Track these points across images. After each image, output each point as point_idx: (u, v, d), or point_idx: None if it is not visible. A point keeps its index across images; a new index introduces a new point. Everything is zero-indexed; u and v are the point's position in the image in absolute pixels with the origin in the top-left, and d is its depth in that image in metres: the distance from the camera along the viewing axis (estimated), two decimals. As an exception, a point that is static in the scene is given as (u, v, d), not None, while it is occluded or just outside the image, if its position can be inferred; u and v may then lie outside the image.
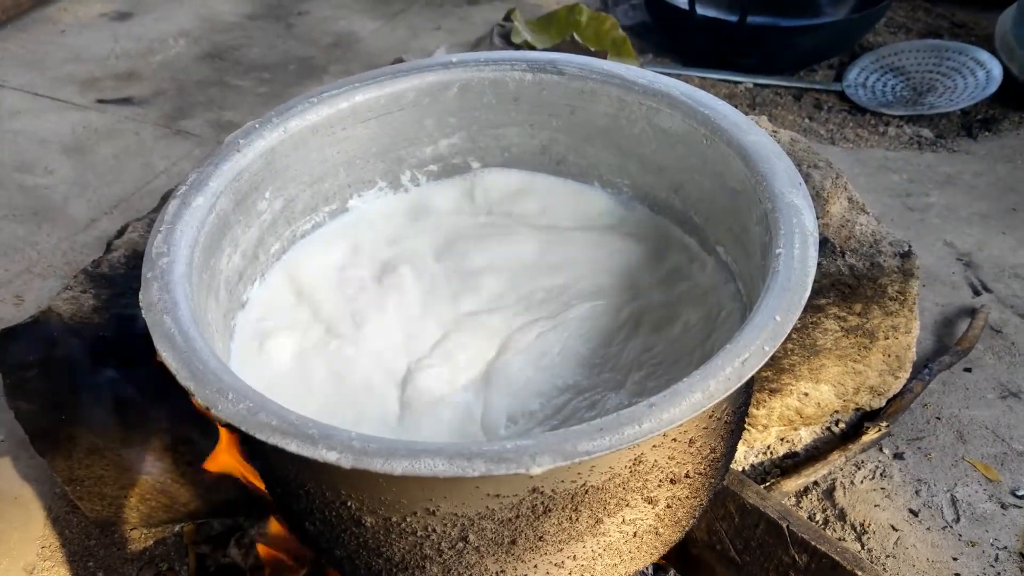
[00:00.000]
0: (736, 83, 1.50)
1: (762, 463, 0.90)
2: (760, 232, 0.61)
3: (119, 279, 0.80)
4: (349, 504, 0.53)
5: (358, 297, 0.73)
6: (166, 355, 0.51)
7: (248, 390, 0.49)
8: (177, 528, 0.85)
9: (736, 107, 0.70)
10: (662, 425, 0.46)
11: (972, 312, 1.01)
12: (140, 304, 0.54)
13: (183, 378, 0.50)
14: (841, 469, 0.88)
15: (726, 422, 0.58)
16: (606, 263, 0.75)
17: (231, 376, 0.50)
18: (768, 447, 0.91)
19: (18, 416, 0.78)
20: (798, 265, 0.54)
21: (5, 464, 0.88)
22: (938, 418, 0.91)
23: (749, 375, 0.48)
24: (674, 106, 0.71)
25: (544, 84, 0.77)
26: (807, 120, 1.41)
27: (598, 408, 0.65)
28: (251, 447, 0.69)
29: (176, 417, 0.80)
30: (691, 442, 0.55)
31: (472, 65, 0.78)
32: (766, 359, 0.49)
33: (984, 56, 1.43)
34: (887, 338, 0.84)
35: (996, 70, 1.40)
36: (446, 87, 0.78)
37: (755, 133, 0.66)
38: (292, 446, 0.46)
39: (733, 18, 1.45)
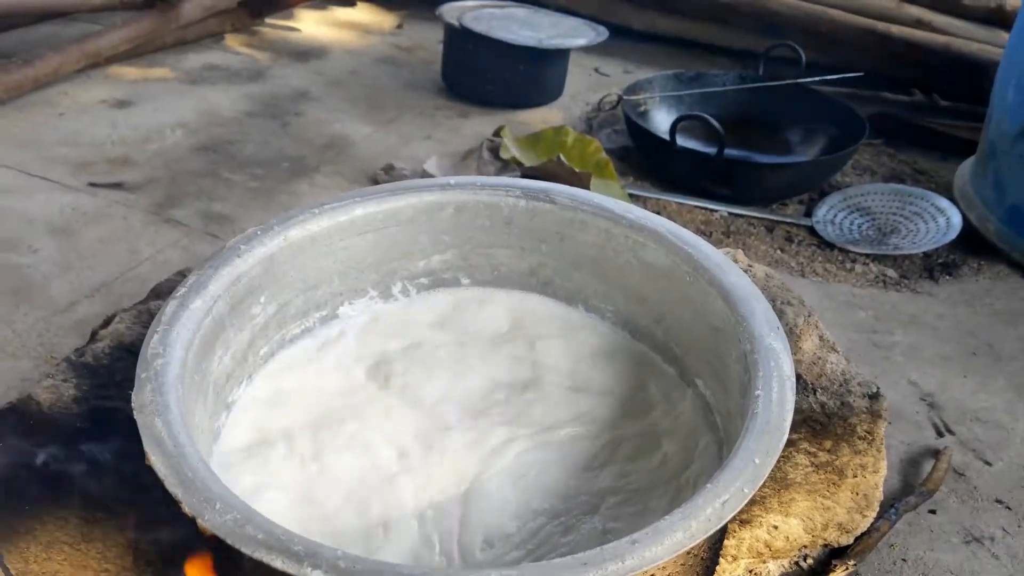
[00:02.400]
0: (712, 211, 1.56)
1: (729, 595, 0.90)
2: (739, 371, 0.63)
3: (102, 370, 0.80)
4: (325, 623, 0.52)
5: (340, 406, 0.73)
6: (155, 459, 0.51)
7: (235, 501, 0.50)
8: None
9: (711, 234, 0.74)
10: (644, 563, 0.47)
11: (936, 453, 1.03)
12: (132, 405, 0.55)
13: (171, 484, 0.50)
14: (807, 605, 0.88)
15: (702, 559, 0.59)
16: (588, 387, 0.77)
17: (219, 485, 0.51)
18: (735, 578, 0.91)
19: (-21, 504, 0.76)
20: (776, 408, 0.56)
21: (-47, 553, 0.85)
22: (904, 559, 0.92)
23: (729, 516, 0.50)
24: (659, 242, 0.75)
25: (536, 211, 0.81)
26: (779, 251, 1.47)
27: (573, 533, 0.65)
28: (227, 559, 0.68)
29: (142, 516, 0.78)
30: (668, 577, 0.56)
31: (469, 188, 0.82)
32: (746, 501, 0.50)
33: (944, 203, 1.52)
34: (855, 476, 0.86)
35: (956, 218, 1.48)
36: (442, 207, 0.81)
37: (735, 274, 0.69)
38: (277, 562, 0.46)
39: (711, 151, 1.52)
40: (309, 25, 2.43)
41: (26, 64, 1.67)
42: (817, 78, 1.77)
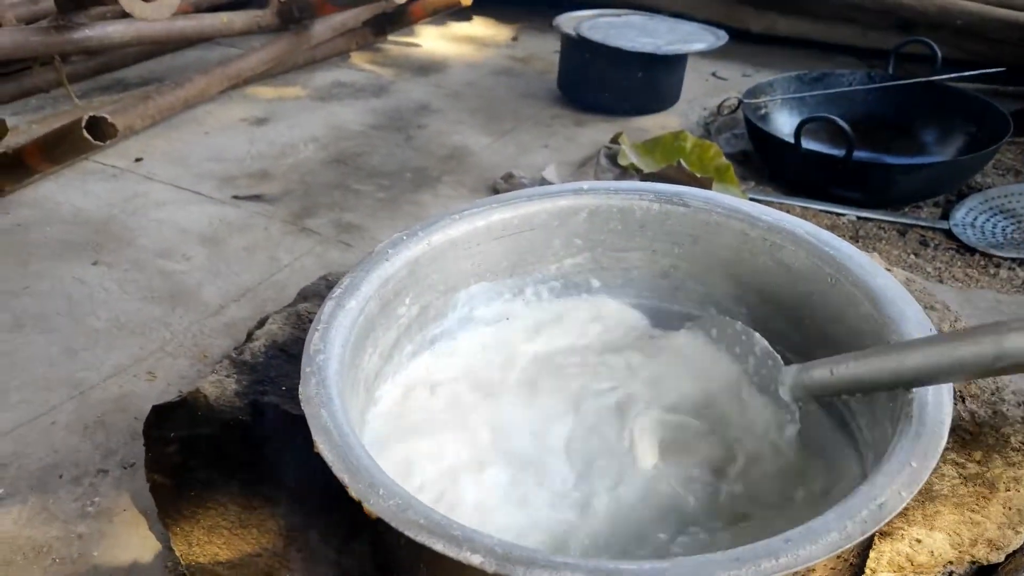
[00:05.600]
0: (839, 215, 1.52)
1: (870, 608, 0.87)
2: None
3: (259, 367, 0.85)
4: (476, 608, 0.55)
5: (484, 401, 0.76)
6: (323, 447, 0.55)
7: (397, 487, 0.53)
8: (281, 614, 0.87)
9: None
10: (798, 562, 0.47)
11: (1095, 468, 0.97)
12: (300, 397, 0.59)
13: (338, 470, 0.54)
14: (954, 623, 0.84)
15: (851, 564, 0.58)
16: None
17: (381, 473, 0.54)
18: (877, 592, 0.88)
19: (152, 488, 0.83)
20: (932, 411, 0.55)
21: (125, 534, 0.93)
22: (1061, 579, 0.87)
23: (886, 519, 0.49)
24: (798, 243, 0.74)
25: (669, 214, 0.82)
26: (912, 256, 1.41)
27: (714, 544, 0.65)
28: (380, 541, 0.72)
29: (293, 505, 0.83)
30: (817, 581, 0.55)
31: (602, 193, 0.83)
32: (903, 505, 0.49)
33: (1098, 204, 1.42)
34: (1008, 490, 0.82)
35: (1111, 219, 1.39)
36: (576, 212, 0.83)
37: (882, 276, 0.68)
38: (438, 546, 0.49)
39: (839, 152, 1.48)
40: (429, 40, 2.52)
41: (177, 87, 1.80)
42: (954, 75, 1.69)
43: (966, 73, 1.70)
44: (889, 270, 1.02)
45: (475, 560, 0.48)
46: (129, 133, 1.75)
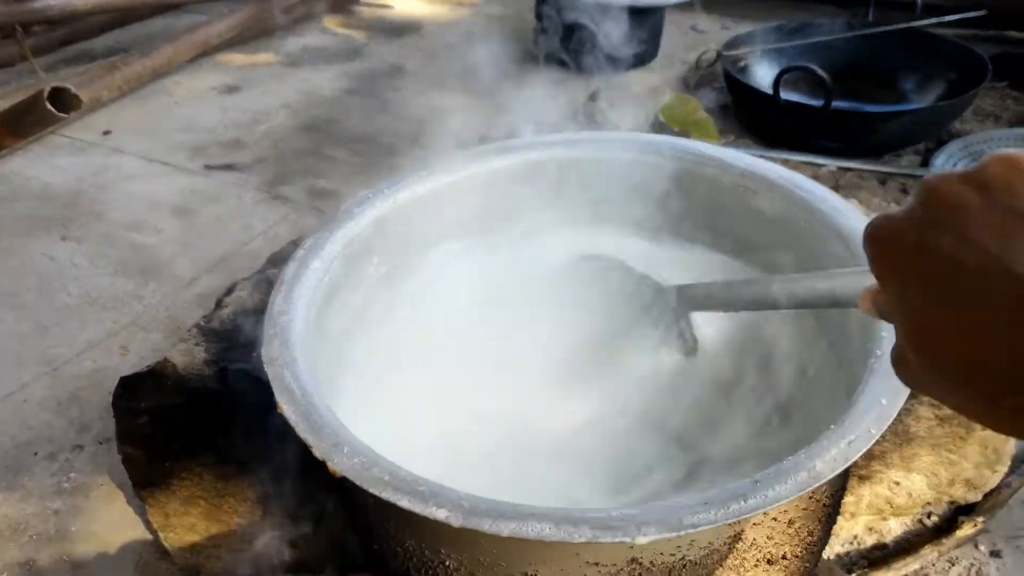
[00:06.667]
0: (819, 165, 1.50)
1: (848, 553, 0.87)
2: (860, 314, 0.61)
3: (228, 334, 0.84)
4: (447, 564, 0.54)
5: (465, 345, 0.75)
6: (286, 408, 0.54)
7: (361, 445, 0.52)
8: (264, 580, 0.86)
9: (822, 189, 0.72)
10: (767, 503, 0.46)
11: (1074, 407, 0.97)
12: (263, 358, 0.58)
13: (302, 430, 0.52)
14: (933, 564, 0.85)
15: (824, 504, 0.58)
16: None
17: (345, 431, 0.53)
18: (855, 536, 0.88)
19: (125, 461, 0.82)
20: (903, 349, 0.54)
21: (102, 509, 0.92)
22: (1040, 516, 0.87)
23: (855, 457, 0.48)
24: (772, 188, 0.73)
25: (643, 164, 0.80)
26: (893, 204, 1.40)
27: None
28: (350, 501, 0.71)
29: (268, 471, 0.83)
30: (790, 523, 0.55)
31: (572, 144, 0.81)
32: (872, 442, 0.49)
33: (1078, 146, 1.41)
34: (984, 429, 0.82)
35: (1092, 161, 1.38)
36: (545, 165, 0.82)
37: (855, 218, 0.67)
38: (404, 502, 0.48)
39: (817, 103, 1.46)
40: (402, 1, 2.47)
41: (144, 56, 1.76)
42: (933, 19, 1.66)
43: (945, 18, 1.68)
44: (867, 215, 1.01)
45: (441, 515, 0.47)
46: (96, 105, 1.71)
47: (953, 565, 0.84)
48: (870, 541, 0.88)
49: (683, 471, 0.65)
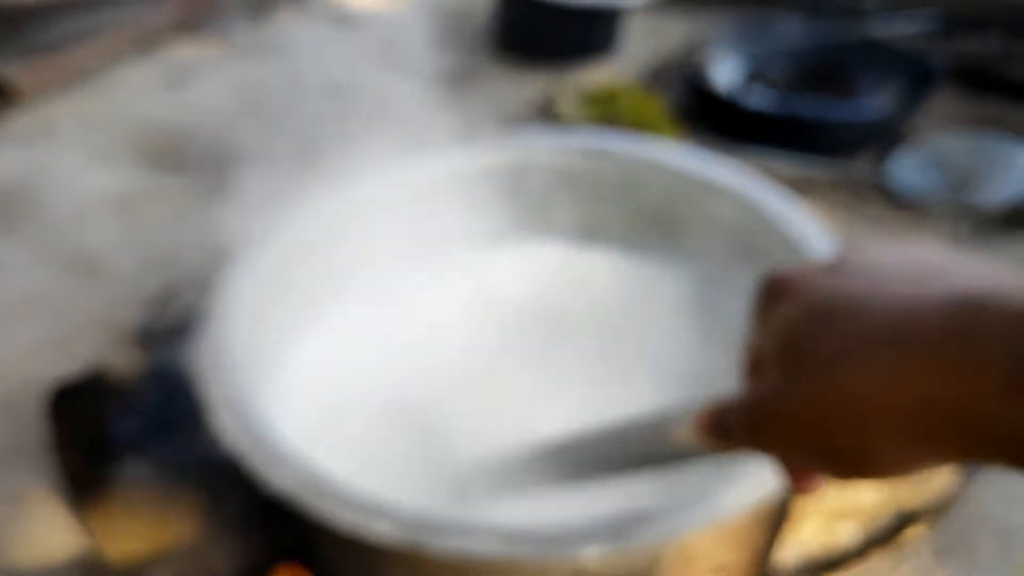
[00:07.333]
0: (774, 168, 1.52)
1: (797, 559, 0.88)
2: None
3: (171, 337, 0.81)
4: (391, 578, 0.53)
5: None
6: (223, 419, 0.52)
7: (301, 460, 0.50)
8: (207, 592, 0.84)
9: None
10: (718, 513, 0.46)
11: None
12: (195, 368, 0.56)
13: (239, 444, 0.50)
14: (881, 568, 0.86)
15: (772, 511, 0.57)
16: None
17: (281, 442, 0.51)
18: (803, 541, 0.89)
19: (64, 468, 0.79)
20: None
21: (40, 518, 0.89)
22: (985, 520, 0.88)
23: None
24: (723, 194, 0.73)
25: (592, 170, 0.79)
26: (843, 209, 1.42)
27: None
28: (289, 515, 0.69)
29: (212, 478, 0.80)
30: (739, 529, 0.54)
31: (523, 148, 0.80)
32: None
33: (1024, 152, 1.44)
34: (932, 432, 0.83)
35: (1037, 167, 1.41)
36: (495, 169, 0.81)
37: (805, 226, 0.67)
38: (346, 514, 0.46)
39: (774, 105, 1.48)
40: (357, -4, 2.43)
41: (83, 49, 1.71)
42: (887, 22, 1.69)
43: (899, 21, 1.71)
44: (820, 221, 1.02)
45: (383, 527, 0.46)
46: (36, 98, 1.65)
47: (900, 567, 0.85)
48: (819, 546, 0.89)
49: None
